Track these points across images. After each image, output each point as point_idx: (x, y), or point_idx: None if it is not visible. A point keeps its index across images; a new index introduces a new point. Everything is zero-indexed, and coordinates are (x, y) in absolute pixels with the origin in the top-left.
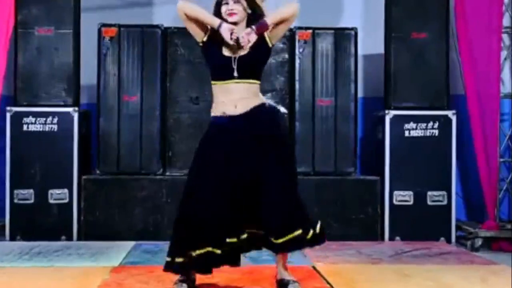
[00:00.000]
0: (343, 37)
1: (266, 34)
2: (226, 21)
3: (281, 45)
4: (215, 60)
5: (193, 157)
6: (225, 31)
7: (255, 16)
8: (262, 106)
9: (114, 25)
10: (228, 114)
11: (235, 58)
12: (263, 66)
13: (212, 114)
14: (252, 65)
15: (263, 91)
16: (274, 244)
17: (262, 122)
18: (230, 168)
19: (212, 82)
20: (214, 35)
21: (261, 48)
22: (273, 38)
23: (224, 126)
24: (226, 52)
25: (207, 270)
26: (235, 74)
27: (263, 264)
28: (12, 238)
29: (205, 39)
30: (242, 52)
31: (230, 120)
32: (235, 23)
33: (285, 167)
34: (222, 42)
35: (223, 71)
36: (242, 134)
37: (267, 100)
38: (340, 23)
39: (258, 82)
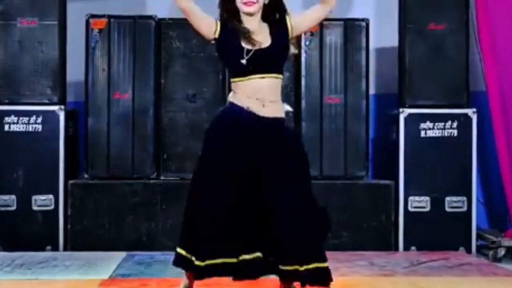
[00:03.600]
0: (354, 29)
1: (289, 22)
2: (238, 11)
3: None
4: (234, 53)
5: (202, 152)
6: None
7: (272, 5)
8: (285, 121)
9: (103, 16)
10: (252, 111)
11: (257, 50)
12: (286, 58)
13: (231, 100)
14: (277, 57)
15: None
16: (283, 271)
17: (286, 137)
18: (241, 176)
19: (233, 80)
20: (227, 26)
21: (282, 38)
22: (296, 28)
23: (246, 121)
24: (245, 44)
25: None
26: (259, 68)
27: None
28: None
29: (217, 34)
30: (265, 44)
31: (255, 119)
32: (250, 14)
33: (303, 190)
34: (238, 33)
35: (244, 66)
36: (263, 139)
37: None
38: (350, 13)
39: (282, 76)
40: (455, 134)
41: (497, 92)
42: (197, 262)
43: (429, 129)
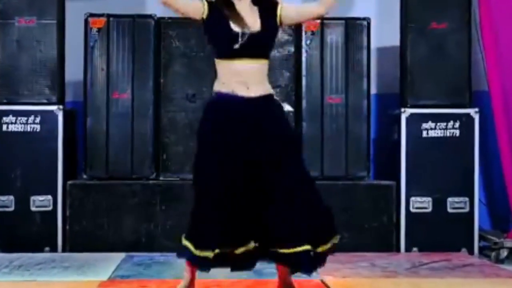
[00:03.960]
0: (355, 28)
1: (279, 11)
2: None
3: (286, 37)
4: (223, 35)
5: (198, 146)
6: None
7: None
8: (273, 97)
9: (102, 15)
10: (239, 94)
11: (245, 34)
12: (274, 44)
13: (217, 89)
14: (265, 42)
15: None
16: (278, 254)
17: (274, 116)
18: (237, 161)
19: (217, 60)
20: (216, 7)
21: (270, 24)
22: (285, 18)
23: (233, 107)
24: (235, 27)
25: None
26: (246, 52)
27: (266, 278)
28: None
29: (205, 15)
30: (255, 28)
31: (242, 102)
32: None
33: (297, 169)
34: (228, 16)
35: (231, 48)
36: (254, 122)
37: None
38: (351, 12)
39: (268, 61)
40: (457, 134)
41: (500, 91)
42: (195, 252)
43: (431, 129)
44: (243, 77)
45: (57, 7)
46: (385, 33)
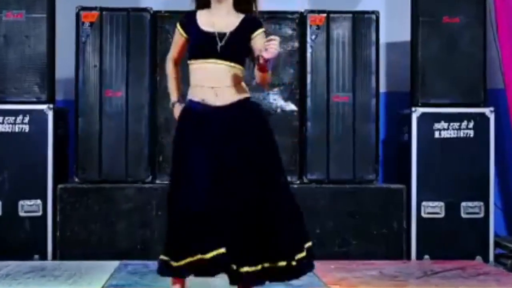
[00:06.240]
0: (363, 22)
1: (256, 33)
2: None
3: (290, 31)
4: (194, 37)
5: (172, 153)
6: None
7: None
8: (246, 101)
9: (95, 9)
10: (207, 102)
11: (218, 33)
12: (247, 51)
13: (189, 97)
14: (239, 43)
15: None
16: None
17: (246, 121)
18: (210, 168)
19: (189, 61)
20: (189, 21)
21: (245, 34)
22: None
23: (202, 116)
24: (205, 27)
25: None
26: (218, 51)
27: None
28: None
29: (185, 35)
30: (228, 28)
31: (211, 111)
32: (220, 2)
33: (270, 179)
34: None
35: (203, 48)
36: (221, 131)
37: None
38: (359, 5)
39: (241, 67)
40: (471, 135)
41: None
42: (174, 264)
43: (444, 129)
44: (211, 80)
45: (47, 0)
46: (395, 27)
